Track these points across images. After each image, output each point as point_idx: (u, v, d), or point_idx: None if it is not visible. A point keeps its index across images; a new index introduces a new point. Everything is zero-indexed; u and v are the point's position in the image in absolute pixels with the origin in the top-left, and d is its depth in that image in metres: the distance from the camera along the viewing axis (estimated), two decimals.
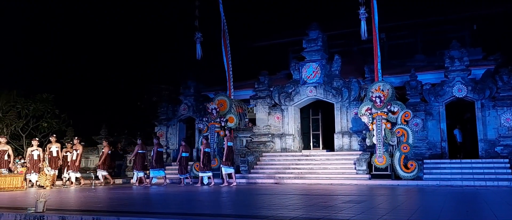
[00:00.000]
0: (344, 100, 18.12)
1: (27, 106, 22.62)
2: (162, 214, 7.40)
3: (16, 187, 14.39)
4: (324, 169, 16.78)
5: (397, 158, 15.28)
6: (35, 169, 15.52)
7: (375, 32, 16.65)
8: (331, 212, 7.25)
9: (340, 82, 18.35)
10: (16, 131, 22.50)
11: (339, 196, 10.40)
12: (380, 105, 15.81)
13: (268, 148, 19.04)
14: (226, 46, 19.22)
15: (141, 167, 17.29)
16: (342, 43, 23.74)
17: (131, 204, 9.53)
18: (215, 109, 18.38)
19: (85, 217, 7.05)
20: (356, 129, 17.73)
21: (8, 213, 7.68)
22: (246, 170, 17.51)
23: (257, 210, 8.03)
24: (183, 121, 22.18)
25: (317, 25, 19.06)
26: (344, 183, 15.06)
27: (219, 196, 11.59)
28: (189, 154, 17.32)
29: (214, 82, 23.40)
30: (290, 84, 19.32)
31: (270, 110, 19.57)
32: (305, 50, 19.05)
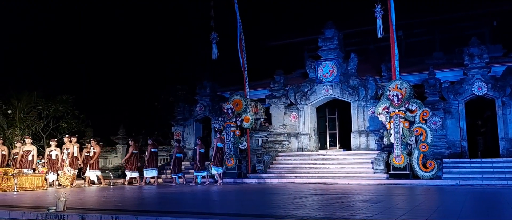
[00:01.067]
0: (360, 99, 17.97)
1: (48, 107, 23.10)
2: (180, 213, 7.45)
3: (37, 186, 14.70)
4: (341, 168, 16.67)
5: (415, 157, 15.07)
6: (54, 169, 15.82)
7: (392, 29, 16.45)
8: (348, 212, 7.20)
9: (357, 81, 18.20)
10: (37, 132, 22.99)
11: (356, 196, 10.31)
12: (397, 104, 15.63)
13: (284, 148, 19.01)
14: (242, 46, 19.25)
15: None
16: (358, 41, 23.54)
17: (149, 203, 9.64)
18: (231, 109, 18.44)
19: (104, 216, 7.16)
20: (373, 128, 17.56)
21: (30, 212, 7.85)
22: (262, 169, 17.52)
23: (273, 209, 8.02)
24: (200, 120, 22.31)
25: (332, 23, 18.94)
26: (361, 183, 14.93)
27: (235, 195, 11.62)
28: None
29: (229, 82, 23.48)
30: (306, 83, 19.24)
31: (286, 109, 19.53)
32: (320, 49, 18.96)
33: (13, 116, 22.56)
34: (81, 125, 24.10)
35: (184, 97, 23.34)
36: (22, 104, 22.62)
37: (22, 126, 22.45)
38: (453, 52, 19.77)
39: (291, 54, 25.71)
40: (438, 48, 22.09)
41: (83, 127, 24.12)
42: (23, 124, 22.55)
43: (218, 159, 16.31)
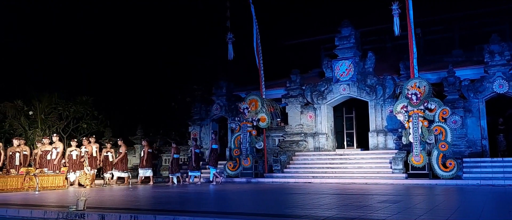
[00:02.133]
0: (378, 98, 17.78)
1: (68, 108, 23.54)
2: (197, 212, 7.51)
3: (58, 186, 15.01)
4: (359, 168, 16.53)
5: (435, 156, 14.84)
6: (74, 168, 16.12)
7: (410, 27, 16.22)
8: (366, 212, 7.13)
9: (374, 79, 18.02)
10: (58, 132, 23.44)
11: (374, 196, 10.21)
12: (416, 102, 15.41)
13: (300, 147, 18.94)
14: (258, 45, 19.25)
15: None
16: (375, 39, 23.30)
17: (167, 203, 9.73)
18: (247, 108, 18.47)
19: (123, 215, 7.26)
20: (392, 127, 17.36)
21: (51, 211, 8.02)
22: (279, 169, 17.50)
23: (290, 209, 8.01)
24: (216, 120, 22.42)
25: (349, 22, 18.80)
26: (379, 183, 14.77)
27: (252, 195, 11.64)
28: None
29: (245, 82, 23.52)
30: (322, 82, 19.14)
31: (302, 109, 19.46)
32: (337, 47, 18.83)
33: (34, 117, 23.07)
34: (100, 126, 24.49)
35: (200, 97, 23.50)
36: (43, 105, 23.11)
37: (43, 127, 22.93)
38: (473, 50, 19.39)
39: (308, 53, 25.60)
40: (458, 45, 21.69)
41: (102, 127, 24.50)
42: (44, 124, 23.03)
43: (213, 160, 17.08)
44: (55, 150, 15.68)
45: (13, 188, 13.62)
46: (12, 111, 22.79)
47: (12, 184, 13.71)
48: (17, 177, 14.02)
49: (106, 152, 17.45)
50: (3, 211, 8.43)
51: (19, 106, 22.93)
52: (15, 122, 22.80)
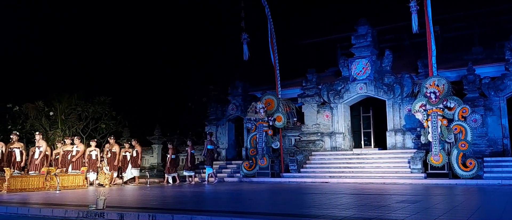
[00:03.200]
0: (396, 97, 17.58)
1: (87, 109, 23.95)
2: (214, 212, 7.55)
3: (78, 185, 15.27)
4: (376, 167, 16.37)
5: (454, 156, 14.59)
6: (93, 168, 16.37)
7: (429, 24, 15.98)
8: (384, 212, 7.06)
9: (392, 78, 17.82)
10: (77, 132, 23.87)
11: (392, 196, 10.10)
12: (435, 101, 15.18)
13: (317, 147, 18.86)
14: (273, 45, 19.24)
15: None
16: (392, 37, 23.04)
17: (184, 202, 9.81)
18: (263, 108, 18.47)
19: (141, 214, 7.35)
20: (410, 126, 17.14)
21: (72, 210, 8.17)
22: (296, 169, 17.45)
23: (307, 209, 7.98)
24: (232, 120, 22.50)
25: (365, 20, 18.63)
26: (397, 182, 14.60)
27: (268, 194, 11.64)
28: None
29: (261, 82, 23.52)
30: (339, 81, 19.02)
31: (318, 108, 19.37)
32: (354, 46, 18.68)
33: (55, 118, 23.54)
34: (119, 126, 24.82)
35: (216, 97, 23.59)
36: (63, 106, 23.56)
37: (63, 127, 23.37)
38: (493, 47, 18.99)
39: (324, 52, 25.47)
40: (477, 42, 21.27)
41: (120, 127, 24.84)
42: (64, 125, 23.47)
43: (209, 160, 17.53)
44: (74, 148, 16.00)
45: (34, 188, 13.92)
46: (33, 112, 23.30)
47: (33, 183, 14.01)
48: (38, 176, 14.33)
49: (124, 152, 17.66)
50: (25, 210, 8.62)
51: (40, 107, 23.42)
52: (37, 123, 23.30)
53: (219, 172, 19.63)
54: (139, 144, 17.97)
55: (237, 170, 19.05)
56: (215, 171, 19.75)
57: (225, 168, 20.11)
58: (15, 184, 13.36)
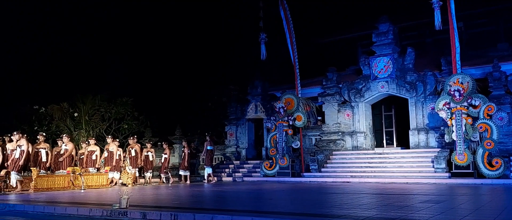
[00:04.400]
0: (419, 95, 17.27)
1: (110, 109, 24.40)
2: (235, 211, 7.57)
3: (102, 184, 15.57)
4: (399, 167, 16.12)
5: (480, 155, 14.24)
6: (116, 168, 16.63)
7: (452, 21, 15.64)
8: (407, 212, 6.95)
9: (414, 76, 17.52)
10: (100, 133, 24.34)
11: (416, 196, 9.93)
12: (459, 99, 14.85)
13: (338, 146, 18.70)
14: (292, 44, 19.17)
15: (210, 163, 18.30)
16: (414, 35, 22.65)
17: (205, 202, 9.88)
18: (283, 108, 18.42)
19: (163, 213, 7.44)
20: (433, 125, 16.81)
21: (96, 209, 8.34)
22: (316, 168, 17.34)
23: (329, 209, 7.93)
24: (252, 120, 22.52)
25: (387, 17, 18.36)
26: (420, 182, 14.35)
27: (289, 194, 11.61)
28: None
29: (281, 81, 23.47)
30: (360, 80, 18.81)
31: (339, 107, 19.20)
32: (375, 44, 18.44)
33: (79, 118, 24.07)
34: (141, 126, 25.19)
35: (236, 97, 23.65)
36: (86, 107, 24.06)
37: (87, 128, 23.86)
38: None
39: (344, 50, 25.21)
40: (503, 39, 20.69)
41: (142, 127, 25.20)
42: (88, 125, 23.97)
43: (209, 160, 18.01)
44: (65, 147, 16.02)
45: (60, 187, 14.26)
46: (58, 113, 23.87)
47: (59, 182, 14.36)
48: (64, 176, 14.67)
49: (146, 152, 17.89)
50: (51, 209, 8.84)
51: (65, 108, 23.98)
52: (61, 124, 23.86)
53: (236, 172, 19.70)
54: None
55: (256, 170, 19.05)
56: (231, 170, 19.87)
57: (244, 167, 20.15)
58: (41, 184, 13.72)
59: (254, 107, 21.90)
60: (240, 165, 20.45)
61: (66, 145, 15.53)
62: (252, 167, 19.78)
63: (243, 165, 20.47)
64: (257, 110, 21.79)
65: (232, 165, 20.54)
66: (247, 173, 19.29)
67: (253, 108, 21.92)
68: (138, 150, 17.52)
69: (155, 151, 18.88)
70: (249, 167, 20.03)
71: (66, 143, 15.54)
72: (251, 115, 21.46)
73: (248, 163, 20.52)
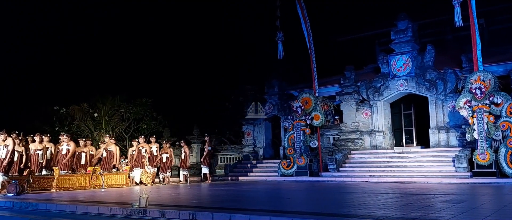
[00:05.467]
0: (439, 93, 16.98)
1: (129, 110, 24.75)
2: (253, 210, 7.58)
3: (122, 184, 15.80)
4: (419, 166, 15.88)
5: (502, 153, 13.91)
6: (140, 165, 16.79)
7: (473, 17, 15.31)
8: (428, 212, 6.85)
9: (434, 74, 17.23)
10: (120, 133, 24.71)
11: (436, 195, 9.77)
12: (481, 97, 14.54)
13: (356, 146, 18.53)
14: (310, 42, 19.07)
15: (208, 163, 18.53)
16: (434, 32, 22.25)
17: (224, 201, 9.93)
18: (300, 107, 18.35)
19: (182, 212, 7.50)
20: (454, 124, 16.51)
21: (116, 207, 8.47)
22: (334, 168, 17.23)
23: (347, 208, 7.87)
24: (269, 119, 22.52)
25: (405, 15, 18.12)
26: (441, 182, 14.10)
27: (308, 194, 11.57)
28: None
29: (298, 80, 23.38)
30: (378, 78, 18.60)
31: (357, 106, 19.03)
32: (393, 42, 18.21)
33: (99, 119, 24.48)
34: (159, 126, 25.47)
35: (253, 97, 23.68)
36: (106, 108, 24.46)
37: (107, 128, 24.25)
38: None
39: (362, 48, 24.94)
40: None
41: (161, 127, 25.47)
42: (108, 126, 24.36)
43: (207, 160, 18.30)
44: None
45: (81, 186, 14.53)
46: (79, 114, 24.32)
47: (80, 182, 14.64)
48: (85, 175, 14.94)
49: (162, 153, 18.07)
50: (73, 208, 9.01)
51: (85, 109, 24.42)
52: (82, 124, 24.31)
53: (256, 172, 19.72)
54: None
55: (274, 169, 19.02)
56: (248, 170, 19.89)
57: (261, 167, 20.15)
58: (63, 183, 14.00)
59: (272, 107, 21.90)
60: (257, 164, 20.47)
61: (68, 145, 15.30)
62: (269, 167, 19.77)
63: (261, 164, 20.49)
64: (274, 109, 21.79)
65: (250, 165, 20.57)
66: (264, 173, 19.29)
67: (271, 107, 21.92)
68: (157, 149, 17.68)
69: (173, 150, 19.01)
70: (266, 166, 20.03)
71: (67, 142, 15.34)
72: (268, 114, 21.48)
73: (266, 163, 20.52)
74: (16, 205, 10.04)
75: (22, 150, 14.22)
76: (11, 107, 27.47)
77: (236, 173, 19.93)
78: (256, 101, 22.90)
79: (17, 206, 10.01)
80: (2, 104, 27.67)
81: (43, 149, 15.15)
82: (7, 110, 27.21)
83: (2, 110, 27.07)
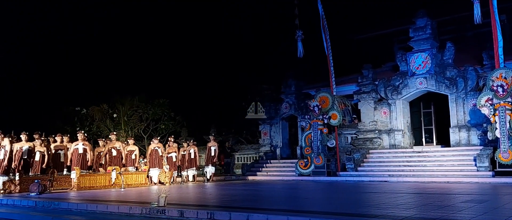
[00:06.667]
0: (459, 91, 16.67)
1: (147, 110, 25.08)
2: (271, 210, 7.59)
3: (141, 183, 16.00)
4: (439, 166, 15.62)
5: None
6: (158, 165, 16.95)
7: (494, 13, 14.96)
8: (448, 212, 6.73)
9: (454, 71, 16.92)
10: (139, 133, 25.03)
11: (457, 195, 9.60)
12: (503, 95, 14.21)
13: (375, 145, 18.34)
14: (327, 41, 18.94)
15: None
16: (454, 29, 21.85)
17: (241, 200, 9.95)
18: (317, 106, 18.25)
19: (200, 212, 7.56)
20: (475, 122, 16.18)
21: (136, 207, 8.58)
22: (352, 167, 17.08)
23: (366, 208, 7.80)
24: (286, 119, 22.48)
25: (424, 12, 17.83)
26: (462, 181, 13.84)
27: (325, 193, 11.51)
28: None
29: (315, 79, 23.26)
30: (397, 76, 18.37)
31: (375, 105, 18.83)
32: (412, 39, 17.96)
33: (118, 119, 24.86)
34: (177, 126, 25.71)
35: (269, 96, 23.69)
36: (125, 108, 24.82)
37: (126, 128, 24.61)
38: None
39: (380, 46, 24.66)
40: None
41: (178, 127, 25.70)
42: (127, 126, 24.72)
43: (211, 159, 18.25)
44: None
45: (101, 186, 14.78)
46: (99, 114, 24.75)
47: (100, 181, 14.89)
48: (105, 175, 15.19)
49: (183, 151, 18.17)
50: (94, 207, 9.17)
51: (105, 110, 24.83)
52: (102, 124, 24.72)
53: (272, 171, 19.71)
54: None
55: (291, 169, 18.96)
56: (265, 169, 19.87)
57: (278, 166, 20.12)
58: (84, 182, 14.26)
59: (288, 106, 21.86)
60: (274, 164, 20.47)
61: (84, 144, 15.08)
62: (286, 166, 19.73)
63: (278, 164, 20.47)
64: (291, 109, 21.74)
65: (267, 164, 20.57)
66: (281, 172, 19.26)
67: (287, 107, 21.89)
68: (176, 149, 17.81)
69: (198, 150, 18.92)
70: (283, 166, 20.00)
71: (83, 141, 15.16)
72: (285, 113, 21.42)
73: (283, 162, 20.50)
74: (39, 204, 10.27)
75: (44, 150, 14.51)
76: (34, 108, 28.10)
77: (253, 173, 19.96)
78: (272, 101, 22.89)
79: (39, 205, 10.24)
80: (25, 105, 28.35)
81: (64, 149, 15.45)
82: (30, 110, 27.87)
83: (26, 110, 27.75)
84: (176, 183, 17.30)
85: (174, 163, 17.44)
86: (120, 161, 15.99)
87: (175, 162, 17.46)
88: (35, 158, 14.15)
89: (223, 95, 30.00)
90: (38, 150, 14.20)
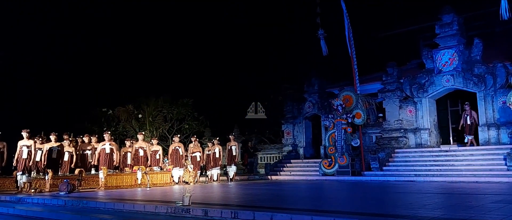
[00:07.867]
0: (488, 89, 16.22)
1: (171, 111, 25.42)
2: (295, 210, 7.57)
3: (166, 182, 16.23)
4: (467, 165, 15.23)
5: None
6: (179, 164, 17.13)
7: None
8: (477, 213, 6.56)
9: (483, 68, 16.47)
10: (163, 133, 25.39)
11: (486, 195, 9.34)
12: None
13: (400, 144, 18.04)
14: (350, 39, 18.74)
15: None
16: (481, 24, 21.26)
17: (265, 200, 9.97)
18: (341, 105, 18.08)
19: (224, 211, 7.60)
20: (505, 120, 15.71)
21: (161, 206, 8.71)
22: (377, 167, 16.85)
23: (393, 208, 7.69)
24: (309, 118, 22.36)
25: (450, 8, 17.43)
26: (492, 181, 13.44)
27: (350, 193, 11.40)
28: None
29: (338, 78, 23.08)
30: (422, 74, 18.01)
31: (401, 103, 18.52)
32: (438, 36, 17.58)
33: (143, 120, 25.29)
34: (201, 126, 25.95)
35: (292, 95, 23.63)
36: (150, 109, 25.23)
37: (151, 128, 25.00)
38: None
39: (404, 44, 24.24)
40: None
41: (202, 127, 25.94)
42: (151, 126, 25.11)
43: (232, 159, 18.17)
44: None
45: (127, 185, 15.07)
46: (124, 115, 25.24)
47: (126, 181, 15.18)
48: (131, 174, 15.47)
49: (208, 151, 18.29)
50: (120, 206, 9.35)
51: (130, 110, 25.30)
52: (127, 125, 25.19)
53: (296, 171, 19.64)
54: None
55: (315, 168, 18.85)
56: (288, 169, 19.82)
57: (301, 166, 20.04)
58: (111, 182, 14.57)
59: (311, 105, 21.74)
60: (297, 164, 20.40)
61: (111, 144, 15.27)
62: (310, 166, 19.63)
63: (301, 163, 20.40)
64: (314, 108, 21.62)
65: (290, 164, 20.53)
66: (305, 172, 19.18)
67: (310, 106, 21.77)
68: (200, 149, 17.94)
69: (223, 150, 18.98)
70: (307, 165, 19.91)
71: (109, 141, 15.33)
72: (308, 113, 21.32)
73: (306, 162, 20.41)
74: (68, 203, 10.55)
75: (72, 150, 14.89)
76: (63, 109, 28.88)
77: (276, 172, 19.95)
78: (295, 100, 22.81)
79: (69, 204, 10.52)
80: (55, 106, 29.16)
81: (92, 149, 15.82)
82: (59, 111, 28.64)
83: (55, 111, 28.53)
84: (199, 183, 17.45)
85: (198, 162, 17.55)
86: (145, 161, 16.23)
87: (199, 161, 17.57)
88: (64, 158, 14.53)
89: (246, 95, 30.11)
90: (66, 150, 14.58)
